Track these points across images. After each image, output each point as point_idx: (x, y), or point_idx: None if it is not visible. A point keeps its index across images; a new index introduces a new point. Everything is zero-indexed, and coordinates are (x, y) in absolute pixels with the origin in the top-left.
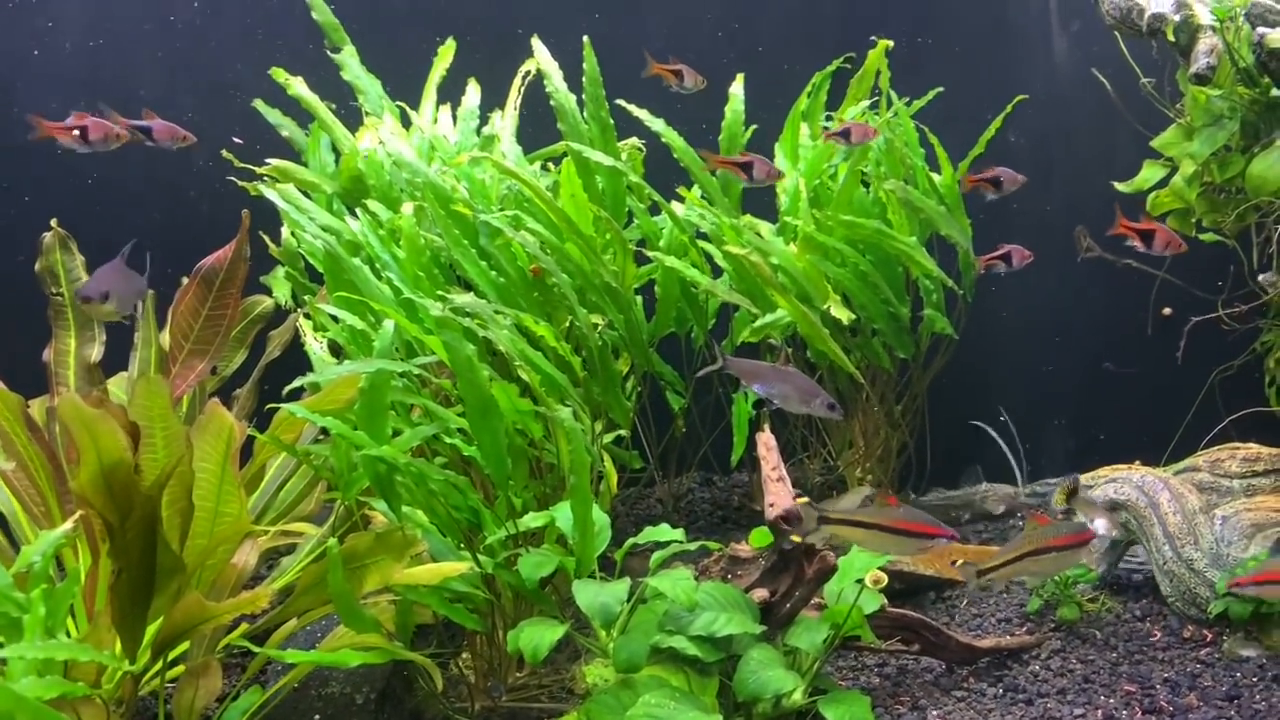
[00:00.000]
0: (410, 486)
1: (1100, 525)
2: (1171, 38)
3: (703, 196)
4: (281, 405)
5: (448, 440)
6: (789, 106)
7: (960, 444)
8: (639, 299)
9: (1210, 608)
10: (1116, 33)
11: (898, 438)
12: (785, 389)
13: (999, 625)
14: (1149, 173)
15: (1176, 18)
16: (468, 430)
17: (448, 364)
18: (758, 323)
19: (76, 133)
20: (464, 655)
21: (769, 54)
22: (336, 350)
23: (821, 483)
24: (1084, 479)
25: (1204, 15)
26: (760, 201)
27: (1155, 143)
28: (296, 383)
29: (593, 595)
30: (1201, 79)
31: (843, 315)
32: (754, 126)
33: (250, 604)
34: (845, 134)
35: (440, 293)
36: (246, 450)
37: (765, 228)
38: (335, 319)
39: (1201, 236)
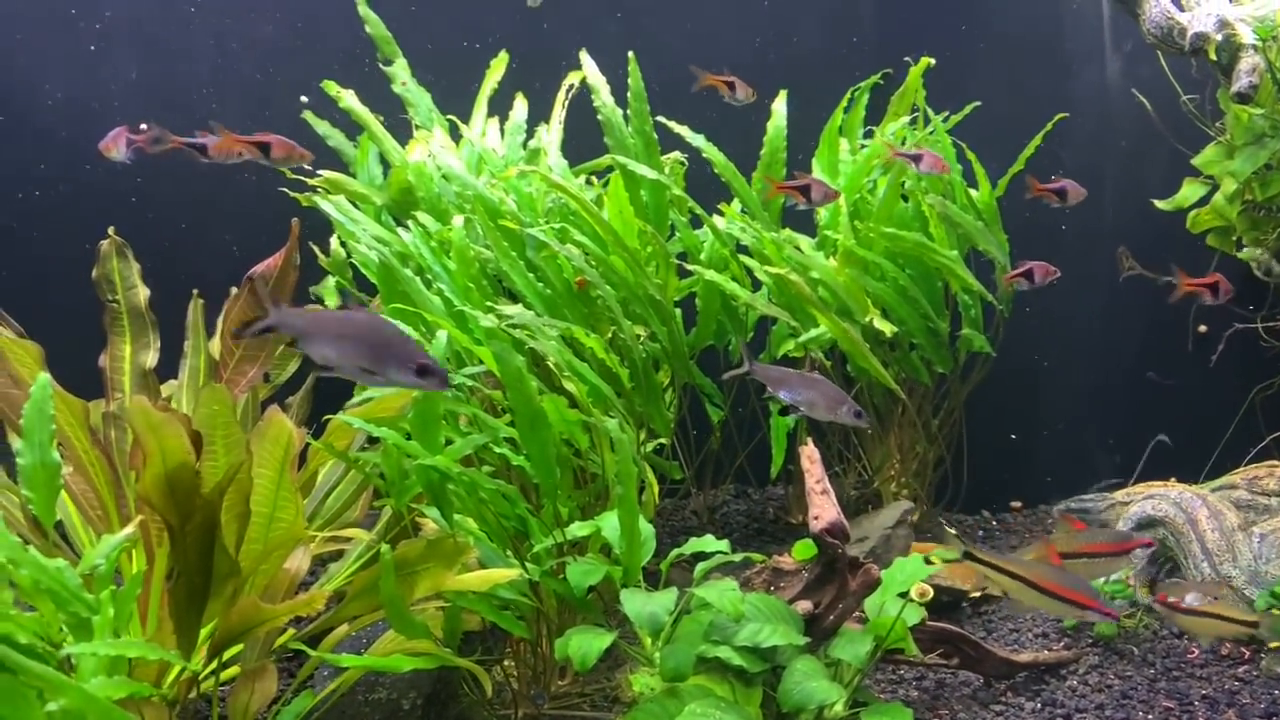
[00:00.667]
0: (461, 495)
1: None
2: (1214, 56)
3: (743, 211)
4: (335, 415)
5: (496, 450)
6: (826, 122)
7: (996, 459)
8: (679, 311)
9: None
10: (1158, 51)
11: (934, 452)
12: (812, 395)
13: (1036, 640)
14: (1189, 191)
15: (1219, 37)
16: (516, 440)
17: (497, 375)
18: (801, 338)
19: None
20: (507, 662)
21: (807, 69)
22: None
23: (857, 496)
24: (1121, 495)
25: (1246, 34)
26: (799, 216)
27: (1196, 161)
28: (358, 397)
29: (641, 604)
30: (1244, 98)
31: (885, 329)
32: (792, 141)
33: (306, 606)
34: (916, 158)
35: (489, 304)
36: (300, 457)
37: (805, 242)
38: None
39: (1240, 255)
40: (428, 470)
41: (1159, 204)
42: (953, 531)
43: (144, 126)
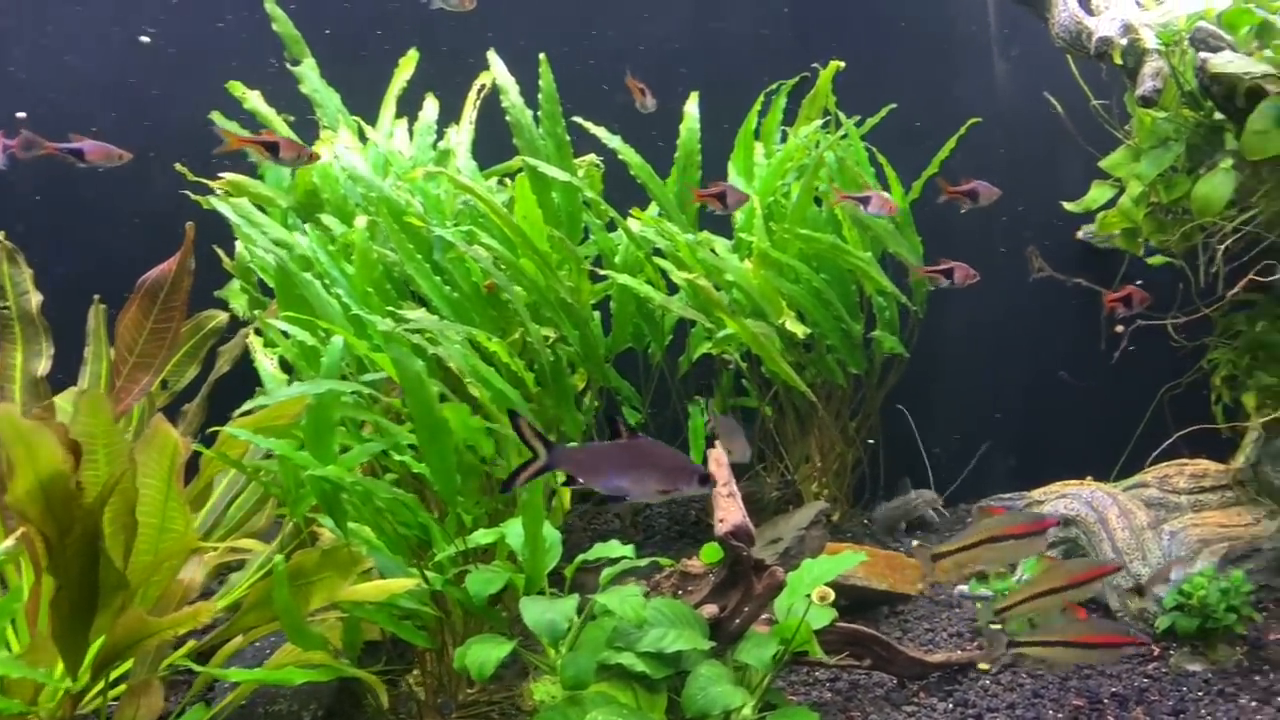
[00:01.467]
0: (357, 504)
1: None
2: (1119, 60)
3: (660, 214)
4: (224, 427)
5: (397, 457)
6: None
7: (915, 458)
8: (596, 315)
9: (1157, 623)
10: (1068, 55)
11: (853, 453)
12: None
13: (950, 640)
14: (1097, 193)
15: (1123, 41)
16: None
17: (396, 380)
18: (715, 337)
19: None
20: (415, 672)
21: (725, 73)
22: (287, 366)
23: (779, 497)
24: (1038, 494)
25: (1150, 39)
26: (718, 218)
27: (1104, 163)
28: (247, 405)
29: (540, 612)
30: (1148, 101)
31: (798, 330)
32: (718, 143)
33: (191, 619)
34: (865, 200)
35: (390, 308)
36: (194, 465)
37: (721, 244)
38: (286, 334)
39: (1150, 260)
40: (319, 480)
41: (1069, 206)
42: (917, 543)
43: (21, 128)
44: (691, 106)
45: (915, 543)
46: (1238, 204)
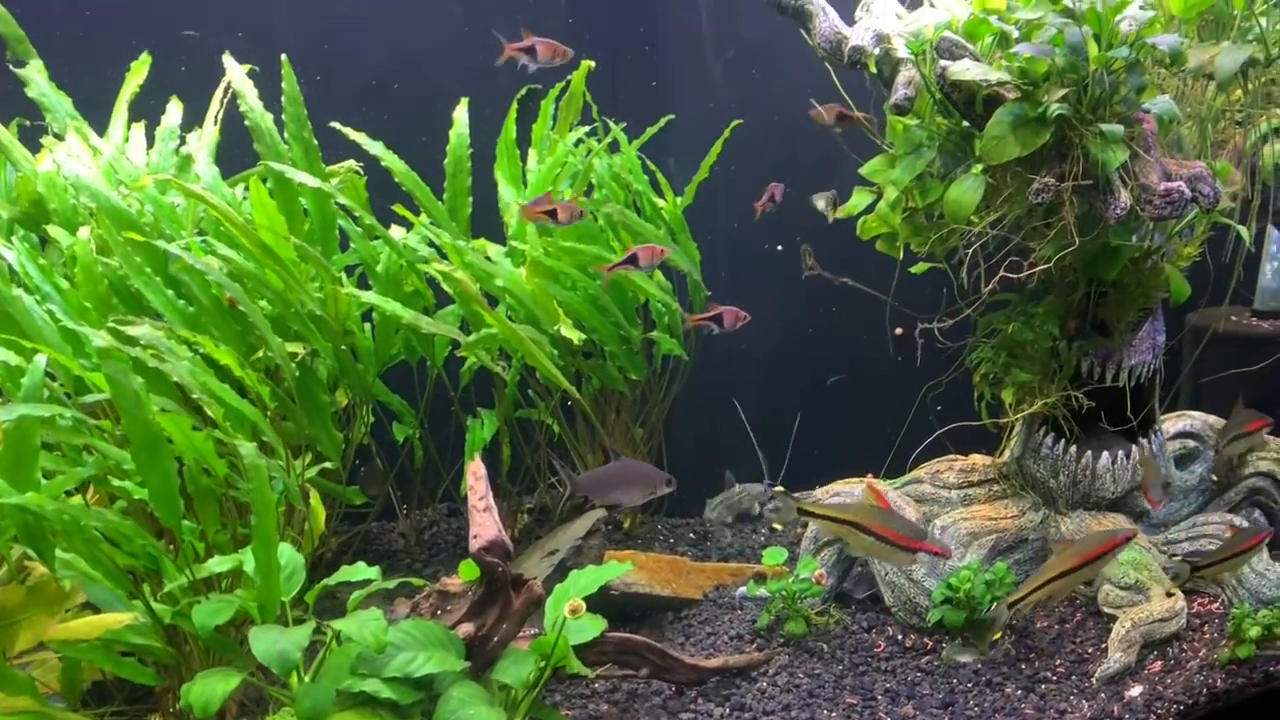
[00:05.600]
0: (67, 534)
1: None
2: (874, 69)
3: (432, 222)
4: None
5: (117, 482)
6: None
7: (702, 463)
8: (367, 326)
9: (929, 616)
10: (828, 65)
11: (642, 458)
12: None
13: (731, 643)
14: (858, 199)
15: (876, 51)
16: None
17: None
18: (470, 338)
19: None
20: (154, 715)
21: (496, 77)
22: None
23: (570, 506)
24: (820, 492)
25: (901, 49)
26: (494, 230)
27: (863, 170)
28: None
29: (270, 642)
30: (900, 109)
31: (573, 336)
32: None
33: None
34: (632, 259)
35: (112, 322)
36: None
37: (496, 250)
38: None
39: (913, 270)
40: (18, 510)
41: (833, 211)
42: (780, 489)
43: None
44: (460, 112)
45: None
46: (990, 207)
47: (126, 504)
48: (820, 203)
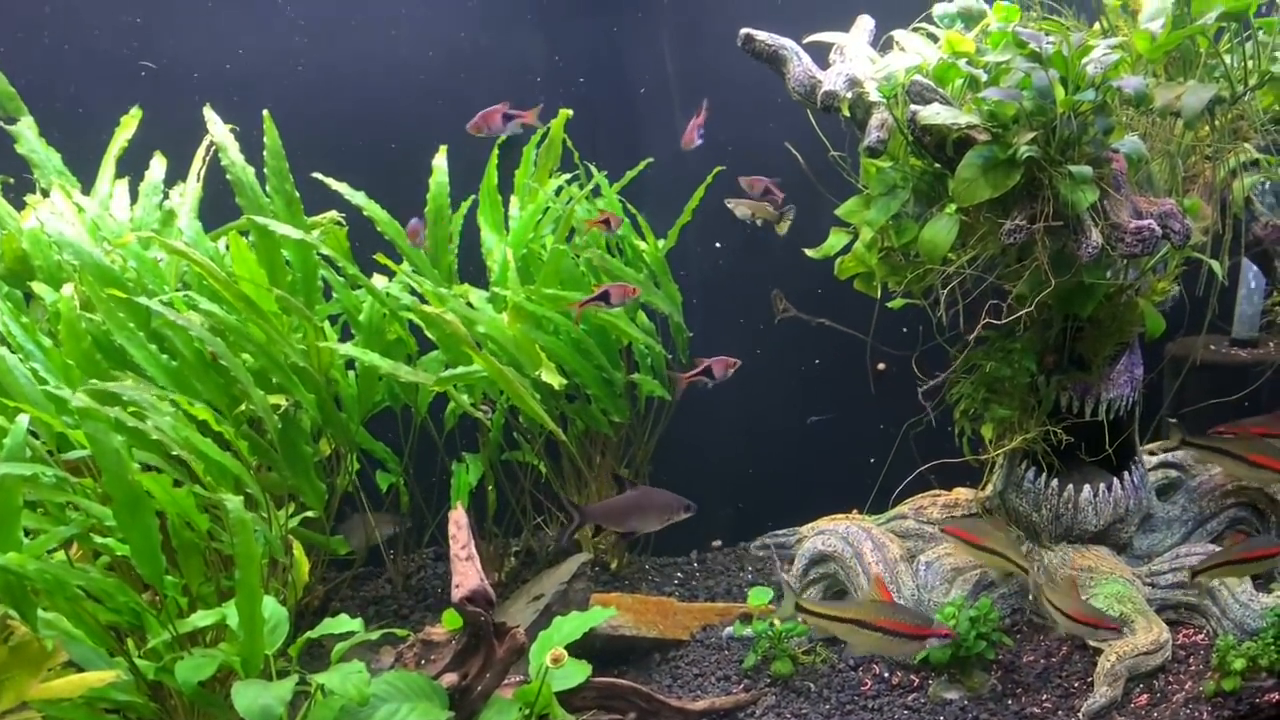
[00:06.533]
0: (49, 592)
1: None
2: (847, 113)
3: (414, 269)
4: None
5: (99, 539)
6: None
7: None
8: (351, 374)
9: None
10: (805, 108)
11: None
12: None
13: (719, 684)
14: (834, 239)
15: (849, 95)
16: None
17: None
18: (446, 373)
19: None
20: None
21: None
22: None
23: (557, 549)
24: (806, 529)
25: (874, 93)
26: (478, 277)
27: (839, 211)
28: None
29: (254, 697)
30: (874, 152)
31: (554, 381)
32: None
33: None
34: (604, 296)
35: (93, 380)
36: None
37: (478, 296)
38: None
39: (890, 305)
40: (1, 570)
41: (809, 252)
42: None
43: None
44: (439, 160)
45: None
46: (965, 245)
47: (109, 560)
48: (739, 210)
